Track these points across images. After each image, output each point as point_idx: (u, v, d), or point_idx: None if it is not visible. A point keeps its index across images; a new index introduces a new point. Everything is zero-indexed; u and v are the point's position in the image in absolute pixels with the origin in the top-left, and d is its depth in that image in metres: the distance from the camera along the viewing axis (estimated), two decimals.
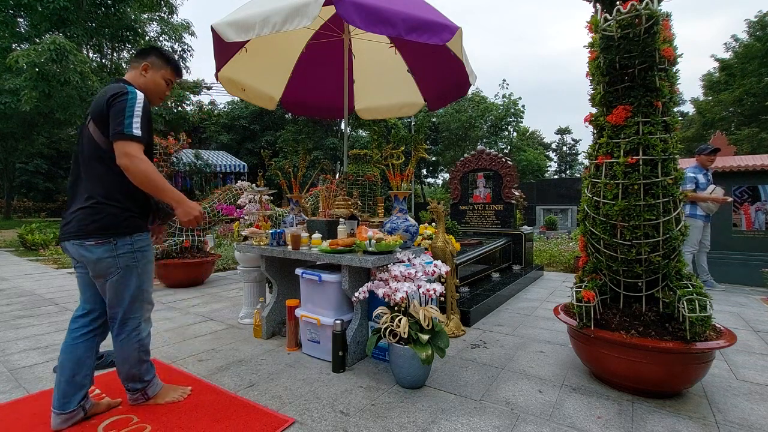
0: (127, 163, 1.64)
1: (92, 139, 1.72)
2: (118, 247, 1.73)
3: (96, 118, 1.71)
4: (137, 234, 1.80)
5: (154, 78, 1.92)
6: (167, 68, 1.95)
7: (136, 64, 1.90)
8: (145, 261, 1.83)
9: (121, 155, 1.64)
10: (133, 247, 1.78)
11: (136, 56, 1.92)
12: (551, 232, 10.77)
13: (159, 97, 1.96)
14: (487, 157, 5.72)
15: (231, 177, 17.56)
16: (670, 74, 2.01)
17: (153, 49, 1.94)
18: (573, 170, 35.54)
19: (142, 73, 1.89)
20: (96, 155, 1.72)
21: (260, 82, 4.48)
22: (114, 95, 1.68)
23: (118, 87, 1.73)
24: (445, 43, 2.68)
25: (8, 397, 2.08)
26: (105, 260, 1.72)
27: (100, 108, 1.69)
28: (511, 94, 24.57)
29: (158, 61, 1.92)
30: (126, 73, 1.92)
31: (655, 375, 1.96)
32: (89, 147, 1.73)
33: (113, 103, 1.67)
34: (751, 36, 17.39)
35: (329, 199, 3.11)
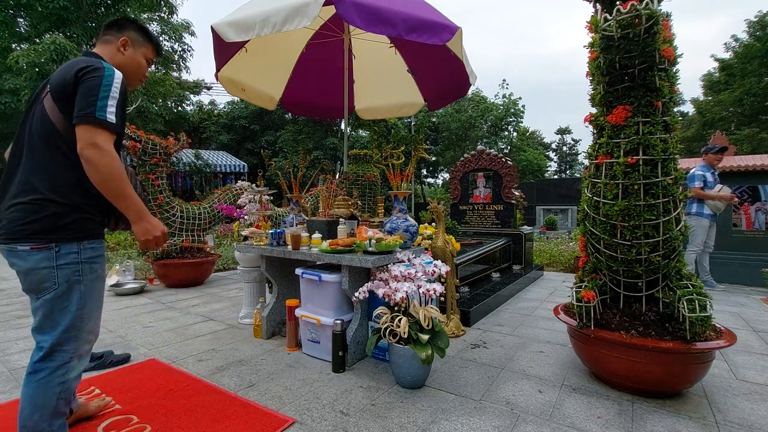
0: (92, 154, 1.32)
1: (47, 118, 1.40)
2: (60, 255, 1.37)
3: (57, 93, 1.38)
4: (88, 240, 1.42)
5: (135, 56, 1.62)
6: (149, 45, 1.68)
7: (112, 38, 1.58)
8: (92, 276, 1.45)
9: (86, 143, 1.32)
10: (79, 256, 1.40)
11: (110, 29, 1.60)
12: (551, 232, 10.77)
13: (139, 79, 1.68)
14: (487, 157, 5.72)
15: (231, 177, 17.56)
16: (670, 74, 2.01)
17: (129, 21, 1.64)
18: (573, 170, 35.53)
19: (121, 49, 1.58)
20: (47, 138, 1.39)
21: (260, 82, 4.48)
22: (85, 68, 1.36)
23: (89, 60, 1.42)
24: (445, 43, 2.68)
25: (8, 397, 2.08)
26: (40, 271, 1.36)
27: (63, 82, 1.37)
28: (511, 94, 24.57)
29: (138, 37, 1.64)
30: (97, 47, 1.59)
31: (655, 375, 1.96)
32: (41, 127, 1.40)
33: (84, 78, 1.35)
34: (751, 36, 17.38)
35: (329, 199, 3.11)
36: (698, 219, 4.53)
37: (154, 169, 4.65)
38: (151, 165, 4.62)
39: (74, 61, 1.43)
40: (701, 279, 4.64)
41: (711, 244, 4.70)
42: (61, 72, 1.40)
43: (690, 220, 4.55)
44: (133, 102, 10.13)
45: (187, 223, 4.92)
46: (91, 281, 1.45)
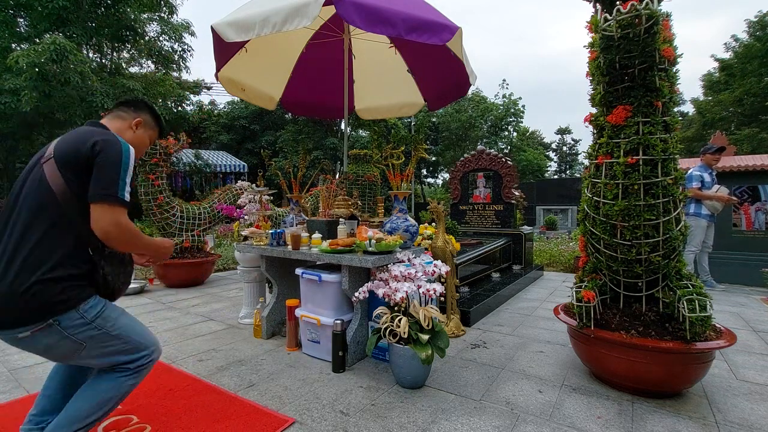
0: (118, 233, 1.34)
1: (44, 184, 1.33)
2: (65, 326, 1.33)
3: (66, 161, 1.34)
4: (83, 303, 1.37)
5: (143, 137, 1.68)
6: (156, 129, 1.75)
7: (127, 116, 1.63)
8: (111, 322, 1.43)
9: (109, 223, 1.32)
10: (85, 318, 1.37)
11: (126, 107, 1.65)
12: (551, 232, 10.77)
13: (140, 154, 1.70)
14: (487, 157, 5.72)
15: (231, 177, 17.56)
16: (670, 74, 2.01)
17: (146, 105, 1.71)
18: (573, 170, 35.52)
19: (133, 128, 1.63)
20: (39, 206, 1.33)
21: (260, 82, 4.48)
22: (104, 142, 1.36)
23: (107, 134, 1.42)
24: (445, 43, 2.68)
25: (8, 397, 2.08)
26: (59, 345, 1.36)
27: (76, 152, 1.34)
28: (511, 94, 24.57)
29: (151, 121, 1.71)
30: (107, 119, 1.61)
31: (655, 375, 1.96)
32: (35, 194, 1.34)
33: (102, 154, 1.34)
34: (751, 36, 17.38)
35: (329, 199, 3.11)
36: (696, 219, 4.53)
37: (154, 169, 4.65)
38: (151, 165, 4.62)
39: (86, 131, 1.42)
40: (701, 279, 4.64)
41: (710, 244, 4.70)
42: (72, 142, 1.37)
43: (688, 220, 4.54)
44: None
45: (187, 223, 4.92)
46: (112, 320, 1.44)
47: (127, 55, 14.12)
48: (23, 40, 11.55)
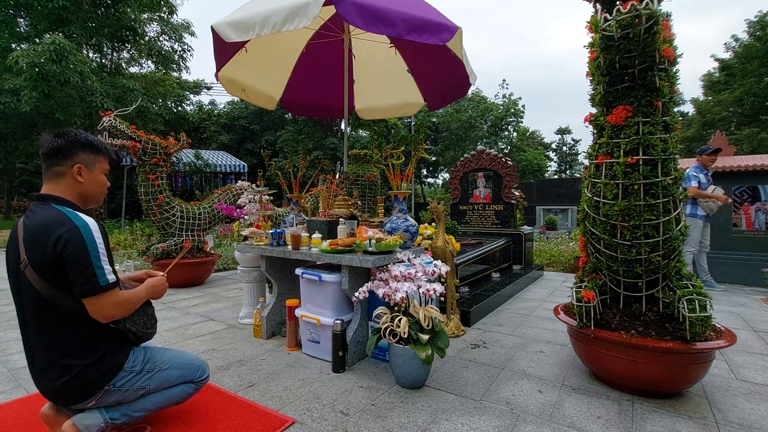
0: (115, 314, 1.43)
1: (32, 290, 1.38)
2: (119, 386, 1.50)
3: (38, 267, 1.35)
4: (126, 362, 1.53)
5: (93, 178, 1.53)
6: (101, 158, 1.56)
7: (63, 168, 1.46)
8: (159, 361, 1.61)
9: (107, 309, 1.40)
10: (135, 371, 1.54)
11: (55, 158, 1.45)
12: (551, 232, 10.76)
13: (103, 193, 1.60)
14: (487, 157, 5.72)
15: (231, 177, 17.55)
16: (670, 74, 2.01)
17: (73, 142, 1.47)
18: (573, 170, 35.51)
19: (78, 178, 1.48)
20: (41, 309, 1.39)
21: (260, 82, 4.48)
22: (59, 240, 1.32)
23: (57, 220, 1.35)
24: (445, 43, 2.68)
25: (8, 397, 2.08)
26: (125, 395, 1.53)
27: (42, 257, 1.33)
28: (511, 94, 24.59)
29: (89, 156, 1.51)
30: (48, 185, 1.46)
31: (655, 375, 1.96)
32: (31, 299, 1.39)
33: (65, 252, 1.32)
34: (751, 36, 17.39)
35: (329, 199, 3.11)
36: (692, 220, 4.53)
37: (154, 169, 4.65)
38: (151, 165, 4.62)
39: (43, 224, 1.36)
40: (700, 279, 4.64)
41: (707, 244, 4.71)
42: (34, 242, 1.35)
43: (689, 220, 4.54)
44: (133, 102, 10.13)
45: (187, 223, 4.92)
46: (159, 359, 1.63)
47: (127, 55, 14.13)
48: (23, 40, 11.54)
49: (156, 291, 1.63)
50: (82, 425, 1.48)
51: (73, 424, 1.47)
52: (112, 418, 1.54)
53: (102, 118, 4.37)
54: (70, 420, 1.49)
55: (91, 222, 1.41)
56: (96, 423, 1.50)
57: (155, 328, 1.71)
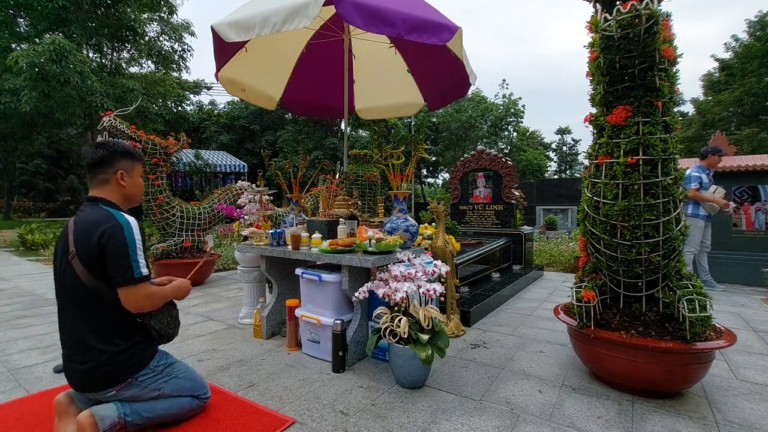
0: (145, 305, 1.61)
1: (77, 279, 1.55)
2: (141, 382, 1.65)
3: (83, 259, 1.53)
4: (152, 360, 1.70)
5: (133, 181, 1.75)
6: (137, 163, 1.78)
7: (107, 175, 1.68)
8: (176, 369, 1.77)
9: (135, 300, 1.56)
10: (156, 371, 1.69)
11: (100, 166, 1.67)
12: (551, 232, 10.76)
13: (141, 194, 1.82)
14: (487, 157, 5.72)
15: (231, 177, 17.56)
16: (670, 74, 2.01)
17: (113, 151, 1.69)
18: (573, 170, 35.51)
19: (120, 182, 1.70)
20: (83, 296, 1.56)
21: (260, 82, 4.48)
22: (104, 234, 1.52)
23: (104, 218, 1.56)
24: (445, 43, 2.68)
25: (8, 397, 2.08)
26: (141, 394, 1.65)
27: (88, 249, 1.52)
28: (511, 94, 24.59)
29: (128, 162, 1.73)
30: (95, 189, 1.68)
31: (655, 375, 1.96)
32: (75, 288, 1.56)
33: (108, 245, 1.51)
34: (751, 36, 17.38)
35: (329, 199, 3.11)
36: (694, 220, 4.54)
37: (154, 169, 4.65)
38: (151, 165, 4.62)
39: (91, 222, 1.56)
40: (701, 279, 4.64)
41: (708, 244, 4.71)
42: (83, 236, 1.55)
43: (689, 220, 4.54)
44: (133, 102, 10.13)
45: (187, 223, 4.92)
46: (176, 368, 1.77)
47: (127, 55, 14.12)
48: (23, 39, 11.54)
49: (180, 292, 1.79)
50: (98, 416, 1.54)
51: (91, 414, 1.54)
52: (125, 414, 1.60)
53: (102, 118, 4.37)
54: (88, 410, 1.56)
55: (132, 221, 1.61)
56: (111, 416, 1.57)
57: (177, 330, 1.84)
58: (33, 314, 3.69)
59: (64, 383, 2.20)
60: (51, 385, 2.22)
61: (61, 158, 23.68)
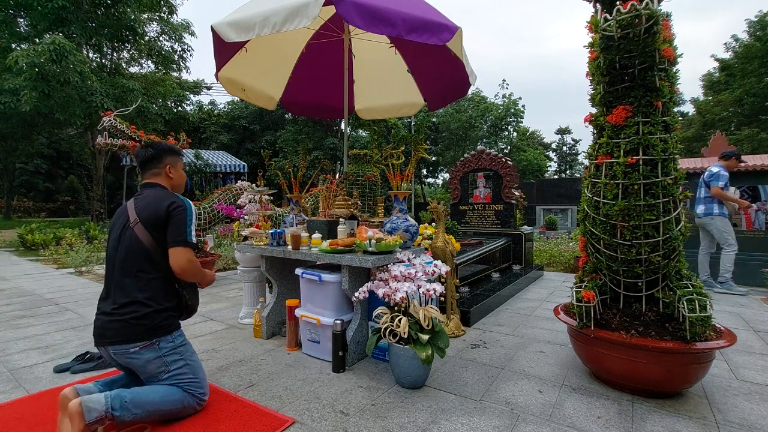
0: (189, 266, 1.82)
1: (138, 241, 1.80)
2: (161, 347, 1.78)
3: (150, 223, 1.81)
4: (176, 331, 1.86)
5: (178, 173, 2.08)
6: (180, 159, 2.10)
7: (159, 170, 2.00)
8: (188, 353, 1.88)
9: (182, 259, 1.80)
10: (175, 343, 1.83)
11: (150, 162, 1.99)
12: (551, 232, 10.76)
13: (183, 185, 2.13)
14: (487, 157, 5.72)
15: (231, 177, 17.56)
16: (670, 74, 2.01)
17: (161, 150, 2.01)
18: (573, 170, 35.50)
19: (169, 175, 2.02)
20: (140, 258, 1.80)
21: (260, 82, 4.48)
22: (173, 204, 1.84)
23: (172, 197, 1.90)
24: (445, 43, 2.68)
25: (8, 397, 2.08)
26: (153, 362, 1.77)
27: (156, 214, 1.81)
28: (511, 94, 24.58)
29: (173, 158, 2.05)
30: (151, 179, 1.99)
31: (655, 375, 1.96)
32: (135, 248, 1.80)
33: (174, 213, 1.82)
34: (751, 36, 17.39)
35: (329, 199, 3.11)
36: (722, 219, 4.52)
37: None
38: None
39: (158, 196, 1.87)
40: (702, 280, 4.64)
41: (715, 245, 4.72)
42: (150, 207, 1.83)
43: (716, 221, 4.52)
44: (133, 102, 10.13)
45: None
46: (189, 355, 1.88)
47: (127, 55, 14.12)
48: (23, 39, 11.53)
49: (206, 277, 1.99)
50: (86, 407, 1.56)
51: (80, 402, 1.56)
52: (113, 408, 1.61)
53: (102, 118, 4.37)
54: (78, 399, 1.59)
55: (192, 206, 1.92)
56: (98, 408, 1.58)
57: (197, 306, 2.02)
58: (33, 314, 3.69)
59: (64, 383, 2.21)
60: (51, 385, 2.22)
61: (61, 158, 23.68)
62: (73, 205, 24.65)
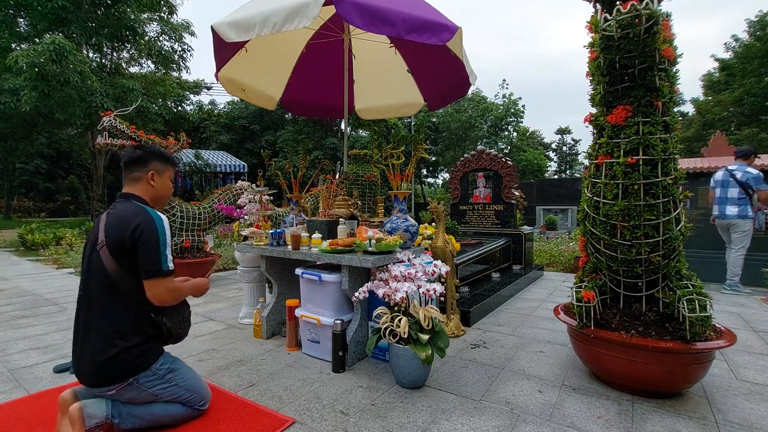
0: (169, 298, 1.65)
1: (102, 268, 1.61)
2: (141, 383, 1.64)
3: (114, 249, 1.59)
4: (156, 363, 1.68)
5: (163, 182, 1.84)
6: (169, 167, 1.88)
7: (140, 174, 1.78)
8: (179, 376, 1.75)
9: (160, 292, 1.61)
10: (158, 374, 1.68)
11: (135, 165, 1.78)
12: (551, 232, 10.76)
13: (169, 197, 1.92)
14: (487, 157, 5.72)
15: (231, 177, 17.56)
16: (670, 74, 2.01)
17: (149, 153, 1.80)
18: (573, 170, 35.50)
19: (150, 182, 1.80)
20: (106, 286, 1.61)
21: (260, 82, 4.48)
22: (138, 228, 1.59)
23: (137, 212, 1.64)
24: (445, 43, 2.68)
25: (8, 397, 2.08)
26: (139, 396, 1.66)
27: (121, 240, 1.59)
28: (511, 94, 24.59)
29: (161, 165, 1.83)
30: (128, 186, 1.78)
31: (655, 375, 1.96)
32: (100, 276, 1.62)
33: (141, 239, 1.58)
34: (751, 36, 17.38)
35: (329, 199, 3.11)
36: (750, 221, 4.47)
37: None
38: None
39: (125, 215, 1.64)
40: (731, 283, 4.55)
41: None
42: (116, 229, 1.61)
43: (747, 223, 4.46)
44: (133, 102, 10.13)
45: (186, 223, 4.92)
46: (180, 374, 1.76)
47: (127, 55, 14.12)
48: (23, 39, 11.53)
49: (197, 290, 1.85)
50: (86, 413, 1.55)
51: (80, 407, 1.54)
52: (113, 416, 1.60)
53: (102, 118, 4.36)
54: (79, 403, 1.56)
55: (164, 218, 1.69)
56: (98, 415, 1.57)
57: (187, 331, 1.84)
58: (33, 314, 3.69)
59: (64, 383, 2.21)
60: (51, 385, 2.22)
61: (61, 158, 23.68)
62: (73, 205, 24.64)
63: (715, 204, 4.65)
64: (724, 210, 4.57)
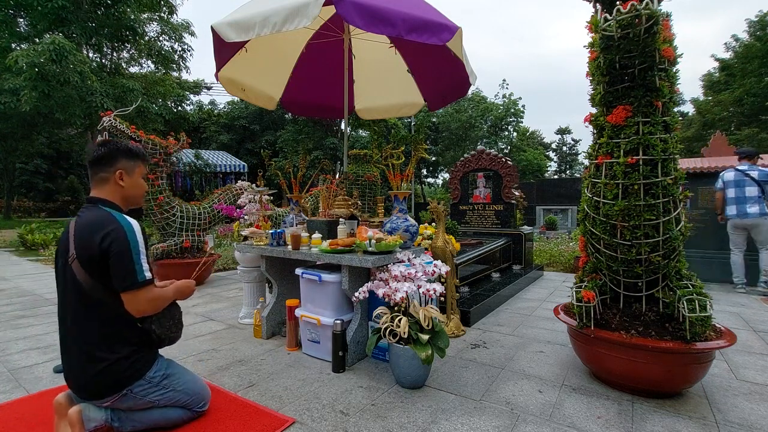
0: (148, 309, 1.56)
1: (76, 282, 1.52)
2: (136, 393, 1.59)
3: (83, 260, 1.49)
4: (149, 371, 1.63)
5: (133, 182, 1.70)
6: (140, 163, 1.72)
7: (107, 174, 1.63)
8: (175, 380, 1.70)
9: (140, 303, 1.53)
10: (153, 382, 1.62)
11: (98, 164, 1.63)
12: (551, 232, 10.76)
13: (142, 195, 1.77)
14: (487, 157, 5.72)
15: (231, 177, 17.56)
16: (670, 74, 2.01)
17: (114, 150, 1.65)
18: (573, 170, 35.50)
19: (119, 182, 1.65)
20: (80, 302, 1.53)
21: (260, 82, 4.48)
22: (107, 238, 1.47)
23: (105, 220, 1.52)
24: (445, 43, 2.68)
25: (8, 397, 2.08)
26: (137, 404, 1.62)
27: (89, 251, 1.48)
28: (511, 94, 24.59)
29: (129, 162, 1.68)
30: (95, 189, 1.64)
31: (655, 375, 1.96)
32: (74, 290, 1.54)
33: (111, 249, 1.47)
34: (752, 36, 17.39)
35: (329, 199, 3.11)
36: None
37: (154, 169, 4.65)
38: (151, 165, 4.61)
39: (92, 224, 1.52)
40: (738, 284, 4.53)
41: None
42: (84, 239, 1.50)
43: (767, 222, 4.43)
44: (133, 102, 10.13)
45: (187, 223, 4.92)
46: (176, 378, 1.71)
47: (127, 55, 14.12)
48: (23, 39, 11.53)
49: (182, 293, 1.74)
50: (86, 416, 1.54)
51: (80, 411, 1.53)
52: (112, 419, 1.60)
53: (102, 118, 4.37)
54: (78, 406, 1.55)
55: (135, 223, 1.57)
56: (97, 419, 1.56)
57: (180, 333, 1.78)
58: (33, 314, 3.69)
59: (64, 383, 2.21)
60: (51, 385, 2.22)
61: (61, 158, 23.68)
62: (73, 205, 24.63)
63: (732, 204, 4.56)
64: (744, 209, 4.47)
